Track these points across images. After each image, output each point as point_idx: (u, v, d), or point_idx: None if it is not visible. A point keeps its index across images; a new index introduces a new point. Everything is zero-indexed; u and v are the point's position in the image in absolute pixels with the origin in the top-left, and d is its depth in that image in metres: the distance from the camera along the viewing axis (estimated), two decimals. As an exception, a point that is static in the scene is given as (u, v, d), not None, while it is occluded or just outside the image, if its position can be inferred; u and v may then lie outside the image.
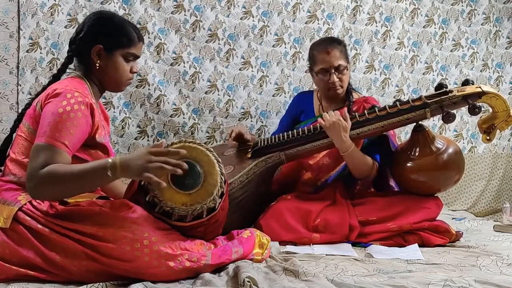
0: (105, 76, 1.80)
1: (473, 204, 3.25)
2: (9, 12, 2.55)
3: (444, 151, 2.22)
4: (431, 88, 3.27)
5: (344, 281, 1.51)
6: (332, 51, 2.43)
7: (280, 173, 2.58)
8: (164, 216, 1.60)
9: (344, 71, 2.45)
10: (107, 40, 1.75)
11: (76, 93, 1.63)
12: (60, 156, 1.55)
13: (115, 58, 1.78)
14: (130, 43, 1.79)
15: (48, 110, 1.61)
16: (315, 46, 2.54)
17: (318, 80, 2.49)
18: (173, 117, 2.83)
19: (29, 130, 1.69)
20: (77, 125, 1.60)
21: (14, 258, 1.53)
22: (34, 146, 1.57)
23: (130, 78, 1.85)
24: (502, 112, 2.16)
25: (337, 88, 2.45)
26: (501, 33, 3.42)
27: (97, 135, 1.71)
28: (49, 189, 1.53)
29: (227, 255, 1.67)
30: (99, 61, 1.75)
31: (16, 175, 1.66)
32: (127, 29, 1.79)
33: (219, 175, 1.64)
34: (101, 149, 1.74)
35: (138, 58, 1.86)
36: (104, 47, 1.75)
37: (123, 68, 1.80)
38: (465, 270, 1.72)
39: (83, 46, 1.77)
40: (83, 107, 1.62)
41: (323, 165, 2.41)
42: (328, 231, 2.16)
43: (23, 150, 1.68)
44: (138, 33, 1.84)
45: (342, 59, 2.45)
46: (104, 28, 1.78)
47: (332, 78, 2.42)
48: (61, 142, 1.56)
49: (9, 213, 1.56)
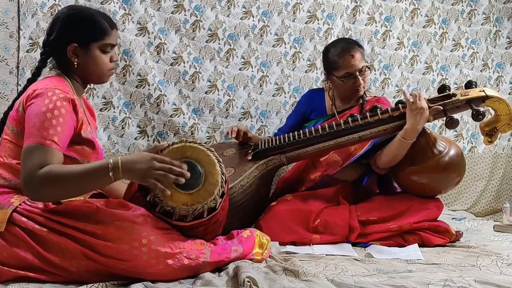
0: (85, 72, 1.76)
1: (473, 204, 3.25)
2: (9, 12, 2.55)
3: (445, 154, 2.22)
4: (431, 88, 3.28)
5: (344, 281, 1.51)
6: (356, 54, 2.40)
7: (289, 172, 2.58)
8: (165, 216, 1.61)
9: (366, 72, 2.44)
10: (80, 37, 1.72)
11: (57, 90, 1.62)
12: (52, 154, 1.54)
13: (92, 52, 1.74)
14: (103, 34, 1.74)
15: (32, 112, 1.59)
16: (332, 50, 2.48)
17: (341, 84, 2.44)
18: (173, 117, 2.83)
19: (13, 132, 1.67)
20: (63, 121, 1.59)
21: (13, 261, 1.52)
22: (24, 148, 1.55)
23: (111, 68, 1.81)
24: (505, 116, 2.16)
25: (360, 90, 2.44)
26: (501, 33, 3.42)
27: (82, 130, 1.69)
28: (50, 191, 1.52)
29: (226, 254, 1.67)
30: (76, 59, 1.72)
31: (6, 178, 1.65)
32: (97, 20, 1.75)
33: (219, 174, 1.64)
34: (87, 144, 1.73)
35: (115, 46, 1.82)
36: (78, 45, 1.71)
37: (102, 61, 1.76)
38: (465, 270, 1.72)
39: (57, 47, 1.74)
40: (66, 103, 1.61)
41: (332, 161, 2.40)
42: (328, 232, 2.16)
43: (10, 152, 1.66)
44: (110, 21, 1.79)
45: (363, 60, 2.44)
46: (75, 26, 1.73)
47: (359, 82, 2.40)
48: (50, 140, 1.55)
49: (3, 216, 1.55)
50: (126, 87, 2.76)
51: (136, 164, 1.52)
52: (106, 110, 2.73)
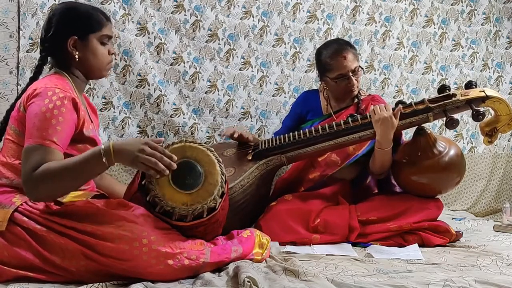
0: (86, 65, 1.78)
1: (473, 204, 3.25)
2: (9, 12, 2.55)
3: (445, 154, 2.22)
4: (430, 88, 3.28)
5: (344, 281, 1.51)
6: (348, 55, 2.41)
7: (287, 172, 2.59)
8: (164, 216, 1.61)
9: (359, 72, 2.45)
10: (79, 30, 1.74)
11: (57, 89, 1.62)
12: (51, 154, 1.55)
13: (92, 44, 1.76)
14: (100, 25, 1.78)
15: (32, 112, 1.60)
16: (325, 52, 2.49)
17: (335, 85, 2.46)
18: (173, 117, 2.83)
19: (15, 132, 1.68)
20: (63, 121, 1.59)
21: (13, 260, 1.53)
22: (24, 149, 1.56)
23: (110, 61, 1.84)
24: (505, 116, 2.16)
25: (354, 90, 2.45)
26: (501, 33, 3.42)
27: (84, 129, 1.70)
28: (48, 188, 1.52)
29: (226, 254, 1.67)
30: (77, 52, 1.74)
31: (8, 178, 1.66)
32: (92, 13, 1.79)
33: (219, 174, 1.64)
34: (89, 142, 1.74)
35: (112, 38, 1.85)
36: (78, 37, 1.74)
37: (101, 52, 1.79)
38: (465, 270, 1.72)
39: (57, 42, 1.75)
40: (66, 102, 1.61)
41: (331, 161, 2.41)
42: (328, 232, 2.16)
43: (12, 152, 1.68)
44: (104, 14, 1.83)
45: (356, 61, 2.45)
46: (73, 19, 1.76)
47: (352, 82, 2.42)
48: (50, 140, 1.55)
49: (5, 215, 1.55)
50: (126, 87, 2.76)
51: (128, 146, 1.54)
52: (106, 110, 2.73)
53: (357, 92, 2.48)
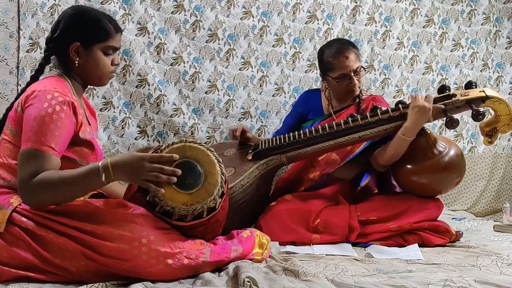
0: (86, 72, 1.76)
1: (473, 204, 3.25)
2: (9, 12, 2.55)
3: (445, 154, 2.22)
4: (430, 88, 3.28)
5: (344, 281, 1.51)
6: (350, 55, 2.41)
7: (287, 172, 2.59)
8: (164, 216, 1.60)
9: (361, 73, 2.45)
10: (84, 37, 1.72)
11: (56, 93, 1.61)
12: (49, 161, 1.54)
13: (94, 53, 1.73)
14: (107, 36, 1.74)
15: (30, 114, 1.58)
16: (327, 51, 2.48)
17: (337, 85, 2.46)
18: (173, 117, 2.83)
19: (12, 132, 1.66)
20: (61, 126, 1.58)
21: (13, 261, 1.52)
22: (21, 152, 1.55)
23: (112, 71, 1.81)
24: (505, 116, 2.16)
25: (356, 90, 2.45)
26: (501, 33, 3.42)
27: (81, 132, 1.69)
28: (44, 198, 1.53)
29: (226, 253, 1.67)
30: (78, 58, 1.72)
31: (5, 179, 1.65)
32: (103, 22, 1.75)
33: (219, 175, 1.64)
34: (86, 145, 1.72)
35: (118, 49, 1.82)
36: (81, 44, 1.71)
37: (103, 62, 1.76)
38: (465, 270, 1.71)
39: (60, 45, 1.73)
40: (65, 107, 1.60)
41: (331, 160, 2.41)
42: (328, 232, 2.16)
43: (9, 153, 1.66)
44: (115, 24, 1.79)
45: (358, 61, 2.45)
46: (80, 25, 1.73)
47: (354, 82, 2.42)
48: (47, 145, 1.54)
49: (3, 216, 1.55)
50: (126, 87, 2.76)
51: (126, 165, 1.53)
52: (106, 110, 2.74)
53: (358, 92, 2.49)
